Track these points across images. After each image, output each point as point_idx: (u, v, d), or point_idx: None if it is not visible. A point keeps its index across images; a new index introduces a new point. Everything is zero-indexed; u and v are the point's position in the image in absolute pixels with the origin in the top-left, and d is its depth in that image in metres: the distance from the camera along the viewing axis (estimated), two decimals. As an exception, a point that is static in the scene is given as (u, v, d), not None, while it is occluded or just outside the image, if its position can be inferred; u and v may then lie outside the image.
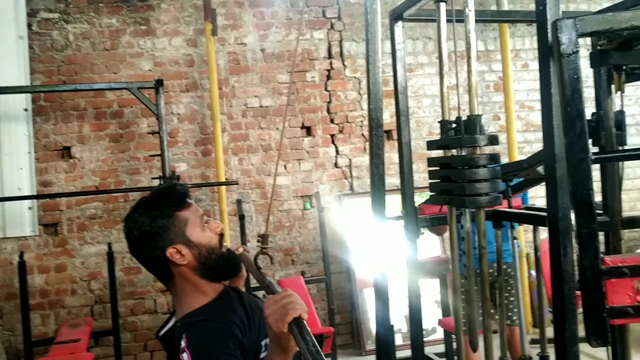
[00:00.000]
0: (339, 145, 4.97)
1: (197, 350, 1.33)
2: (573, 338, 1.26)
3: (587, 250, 1.13)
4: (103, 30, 4.57)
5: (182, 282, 1.50)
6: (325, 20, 4.97)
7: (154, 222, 1.46)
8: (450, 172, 1.67)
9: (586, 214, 1.13)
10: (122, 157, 4.58)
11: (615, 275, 1.13)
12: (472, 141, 1.60)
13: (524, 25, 5.35)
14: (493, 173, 1.60)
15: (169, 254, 1.45)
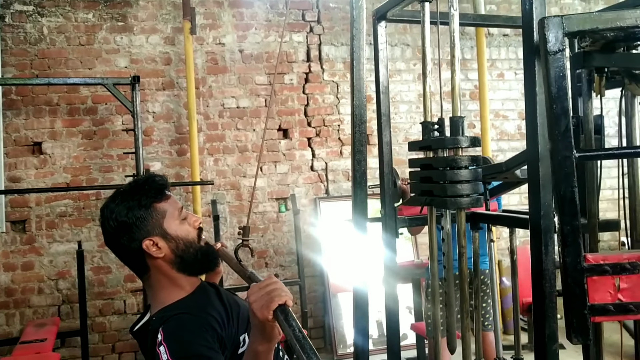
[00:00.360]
0: (316, 149, 4.96)
1: (174, 344, 1.30)
2: (553, 337, 1.27)
3: (570, 247, 1.14)
4: (79, 25, 4.49)
5: (158, 275, 1.46)
6: (304, 23, 4.97)
7: (131, 212, 1.42)
8: (432, 173, 1.66)
9: (569, 211, 1.13)
10: (94, 154, 4.49)
11: (597, 272, 1.14)
12: (454, 142, 1.61)
13: (500, 35, 5.43)
14: (475, 174, 1.61)
15: (145, 246, 1.42)
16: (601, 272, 1.14)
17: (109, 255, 4.50)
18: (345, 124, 5.03)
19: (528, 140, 1.30)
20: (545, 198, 1.25)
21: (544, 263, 1.26)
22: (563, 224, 1.14)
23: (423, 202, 1.71)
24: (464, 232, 1.59)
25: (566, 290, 1.15)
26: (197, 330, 1.34)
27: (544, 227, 1.26)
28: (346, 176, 5.02)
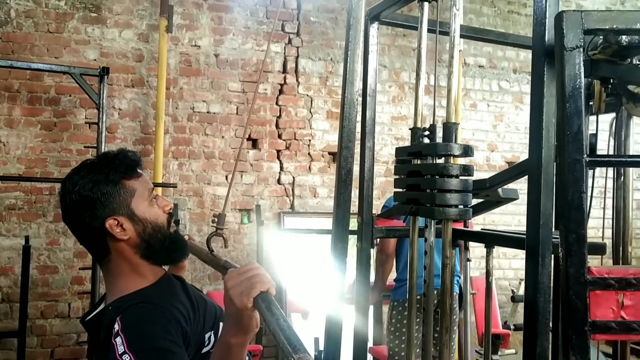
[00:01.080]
0: (284, 162, 4.85)
1: (133, 335, 1.15)
2: (544, 355, 1.18)
3: (574, 257, 1.06)
4: (49, 12, 4.30)
5: (119, 260, 1.32)
6: (283, 34, 4.90)
7: (97, 187, 1.28)
8: (420, 180, 1.57)
9: (576, 218, 1.06)
10: (52, 146, 4.27)
11: (601, 286, 1.06)
12: (447, 149, 1.52)
13: (475, 66, 5.48)
14: (465, 185, 1.53)
15: (108, 225, 1.28)
16: (605, 286, 1.06)
17: (57, 255, 4.26)
18: (316, 139, 4.94)
19: (531, 146, 1.23)
20: (546, 205, 1.17)
21: (540, 276, 1.18)
22: (568, 231, 1.06)
23: (408, 211, 1.61)
24: (449, 241, 1.50)
25: (567, 304, 1.06)
26: (160, 322, 1.20)
27: (542, 238, 1.18)
28: (313, 192, 4.91)
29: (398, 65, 5.25)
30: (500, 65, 5.61)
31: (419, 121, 1.70)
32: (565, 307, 1.07)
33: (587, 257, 1.06)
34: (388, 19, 1.93)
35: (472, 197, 2.20)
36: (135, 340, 1.14)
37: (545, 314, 1.18)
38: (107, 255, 1.32)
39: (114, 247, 1.31)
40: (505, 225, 5.48)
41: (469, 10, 5.45)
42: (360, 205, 1.94)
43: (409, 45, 5.28)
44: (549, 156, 1.19)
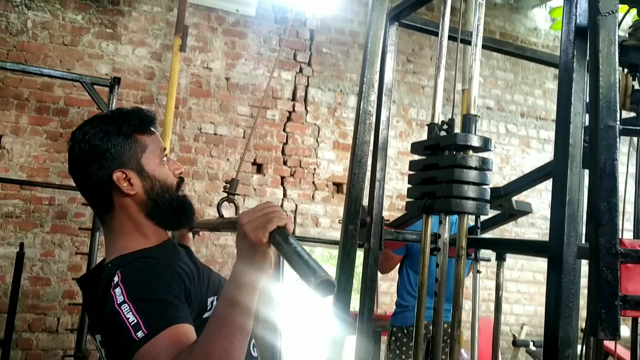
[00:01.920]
0: (288, 189, 4.81)
1: (133, 285, 1.09)
2: (567, 341, 1.11)
3: (605, 227, 1.00)
4: (65, 25, 4.35)
5: (122, 216, 1.26)
6: (295, 63, 4.94)
7: (108, 137, 1.24)
8: (436, 172, 1.52)
9: (608, 186, 1.01)
10: (57, 157, 4.24)
11: (633, 259, 1.00)
12: (466, 139, 1.47)
13: (483, 107, 5.50)
14: (483, 177, 1.48)
15: (115, 177, 1.23)
16: (638, 259, 1.00)
17: (51, 266, 4.16)
18: (321, 168, 4.91)
19: (557, 143, 1.18)
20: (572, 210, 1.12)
21: (565, 255, 1.11)
22: (599, 200, 1.00)
23: (422, 206, 1.55)
24: (465, 233, 1.44)
25: (596, 276, 1.00)
26: (162, 275, 1.13)
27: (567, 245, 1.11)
28: (315, 221, 4.85)
29: (407, 102, 5.27)
30: (508, 109, 5.64)
31: (437, 116, 1.66)
32: (594, 280, 1.01)
33: (620, 227, 1.01)
34: (407, 20, 1.92)
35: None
36: (135, 290, 1.08)
37: (570, 296, 1.11)
38: (111, 212, 1.27)
39: (118, 203, 1.26)
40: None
41: (479, 53, 5.51)
42: (369, 206, 1.89)
43: (418, 83, 5.32)
44: (577, 155, 1.14)
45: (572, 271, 1.13)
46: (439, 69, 1.66)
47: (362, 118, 1.83)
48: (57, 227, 4.20)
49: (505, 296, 5.36)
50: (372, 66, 1.82)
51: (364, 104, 1.74)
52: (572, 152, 1.15)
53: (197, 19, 4.68)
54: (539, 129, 5.70)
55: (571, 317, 1.12)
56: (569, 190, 1.14)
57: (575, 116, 1.16)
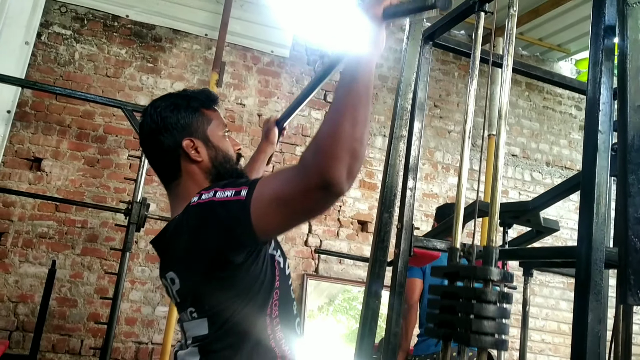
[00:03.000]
0: (313, 224, 4.87)
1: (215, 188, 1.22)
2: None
3: (634, 197, 1.06)
4: (110, 58, 4.59)
5: (188, 182, 1.38)
6: (325, 103, 5.10)
7: (177, 110, 1.38)
8: (456, 302, 1.47)
9: (636, 160, 1.07)
10: (92, 182, 4.39)
11: (661, 228, 1.05)
12: (485, 273, 1.43)
13: (509, 154, 5.57)
14: (503, 313, 1.43)
15: (185, 145, 1.36)
16: (666, 229, 1.05)
17: (79, 288, 4.24)
18: (347, 206, 4.98)
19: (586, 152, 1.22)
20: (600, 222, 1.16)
21: (593, 234, 1.16)
22: (628, 172, 1.07)
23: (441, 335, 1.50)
24: None
25: (625, 244, 1.05)
26: None
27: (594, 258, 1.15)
28: (338, 259, 4.88)
29: (433, 145, 5.37)
30: (534, 157, 5.69)
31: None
32: (624, 249, 1.06)
33: None
34: (441, 41, 2.04)
35: (513, 222, 2.19)
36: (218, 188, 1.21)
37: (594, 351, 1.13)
38: (178, 178, 1.38)
39: (186, 169, 1.37)
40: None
41: (505, 101, 5.62)
42: (400, 214, 1.95)
43: (445, 127, 5.43)
44: (604, 177, 1.19)
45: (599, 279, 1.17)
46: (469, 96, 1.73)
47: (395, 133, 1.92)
48: (88, 249, 4.30)
49: (530, 345, 5.27)
50: (406, 91, 1.92)
51: (397, 128, 1.83)
52: (599, 159, 1.21)
53: (234, 58, 4.89)
54: (564, 178, 5.73)
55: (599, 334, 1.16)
56: (596, 197, 1.19)
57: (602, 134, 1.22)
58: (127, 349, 4.29)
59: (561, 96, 5.92)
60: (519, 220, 2.07)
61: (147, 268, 4.42)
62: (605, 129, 1.21)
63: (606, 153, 1.20)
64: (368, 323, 1.45)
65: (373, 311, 1.47)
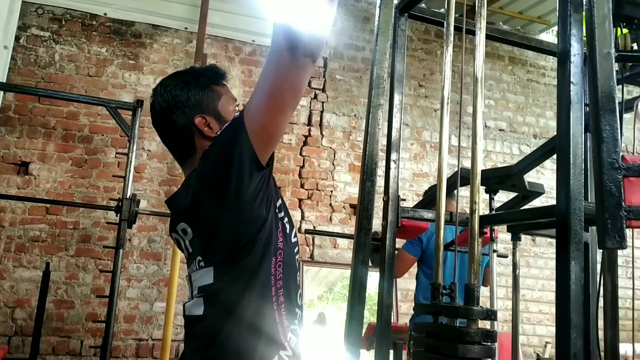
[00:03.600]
0: (306, 211, 4.88)
1: None
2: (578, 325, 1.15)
3: (607, 143, 1.07)
4: (90, 57, 4.57)
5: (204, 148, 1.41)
6: (309, 89, 5.09)
7: (187, 88, 1.40)
8: (440, 343, 1.46)
9: (607, 106, 1.08)
10: (81, 182, 4.38)
11: (635, 172, 1.06)
12: (468, 313, 1.42)
13: (496, 129, 5.59)
14: (488, 352, 1.42)
15: (197, 121, 1.38)
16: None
17: (75, 289, 4.24)
18: (338, 190, 5.00)
19: (560, 115, 1.23)
20: (576, 182, 1.17)
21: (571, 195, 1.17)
22: (599, 118, 1.08)
23: None
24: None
25: (600, 190, 1.06)
26: None
27: (572, 212, 1.16)
28: (333, 243, 4.89)
29: (420, 125, 5.38)
30: (521, 130, 5.72)
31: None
32: (599, 195, 1.07)
33: (620, 144, 1.08)
34: (416, 12, 2.04)
35: (499, 188, 2.21)
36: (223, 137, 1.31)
37: (578, 310, 1.14)
38: (193, 155, 1.41)
39: (200, 145, 1.39)
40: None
41: (489, 77, 5.65)
42: (386, 186, 1.95)
43: (431, 106, 5.44)
44: (578, 129, 1.20)
45: (579, 228, 1.18)
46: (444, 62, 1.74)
47: (373, 103, 1.92)
48: (82, 250, 4.30)
49: (527, 317, 5.32)
50: (382, 60, 1.92)
51: (374, 97, 1.83)
52: (573, 111, 1.22)
53: (215, 50, 4.88)
54: (552, 149, 5.76)
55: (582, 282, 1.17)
56: (572, 147, 1.20)
57: (575, 86, 1.23)
58: (128, 346, 4.29)
59: (544, 68, 5.94)
60: (504, 186, 2.09)
61: (142, 265, 4.42)
62: (577, 80, 1.22)
63: (579, 104, 1.21)
64: (357, 291, 1.46)
65: (361, 279, 1.48)
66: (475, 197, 1.52)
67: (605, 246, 1.04)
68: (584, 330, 1.86)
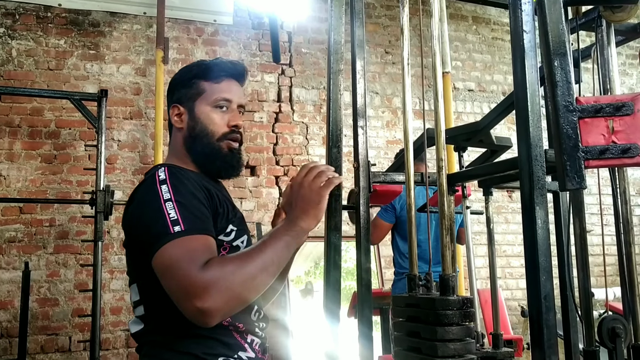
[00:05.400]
0: (283, 187, 4.87)
1: (180, 189, 1.27)
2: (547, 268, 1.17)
3: (562, 86, 1.08)
4: (49, 50, 4.47)
5: (172, 142, 1.50)
6: (276, 65, 5.05)
7: (181, 78, 1.47)
8: (420, 327, 1.40)
9: (559, 50, 1.09)
10: (53, 178, 4.31)
11: (590, 113, 1.08)
12: (445, 305, 1.34)
13: (465, 90, 5.61)
14: (467, 332, 1.42)
15: (171, 110, 1.46)
16: (595, 112, 1.07)
17: (57, 287, 4.21)
18: (313, 164, 4.99)
19: (516, 72, 1.23)
20: (536, 133, 1.17)
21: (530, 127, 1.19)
22: (552, 61, 1.09)
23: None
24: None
25: (558, 133, 1.08)
26: (202, 190, 1.32)
27: (534, 158, 1.17)
28: (313, 217, 4.90)
29: (389, 92, 5.39)
30: (489, 89, 5.75)
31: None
32: (557, 138, 1.08)
33: (574, 87, 1.09)
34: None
35: (467, 145, 2.23)
36: (181, 193, 1.25)
37: (546, 253, 1.16)
38: (170, 136, 1.50)
39: (174, 133, 1.48)
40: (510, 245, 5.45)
41: (455, 38, 5.65)
42: (355, 153, 1.95)
43: (399, 73, 5.43)
44: (533, 76, 1.20)
45: (541, 173, 1.19)
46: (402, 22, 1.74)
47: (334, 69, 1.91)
48: (60, 247, 4.25)
49: (510, 272, 5.43)
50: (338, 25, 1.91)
51: (333, 63, 1.82)
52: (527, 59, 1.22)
53: (177, 32, 4.80)
54: (522, 105, 5.81)
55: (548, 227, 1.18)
56: (529, 95, 1.20)
57: (527, 34, 1.23)
58: (117, 338, 4.29)
59: (508, 25, 5.94)
60: (472, 143, 2.10)
61: (123, 256, 4.38)
62: (529, 28, 1.23)
63: (532, 52, 1.22)
64: (332, 257, 1.48)
65: (335, 244, 1.50)
66: (441, 154, 1.54)
67: (566, 188, 1.06)
68: (561, 278, 1.91)
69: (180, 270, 1.13)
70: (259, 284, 1.22)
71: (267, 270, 1.22)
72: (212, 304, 1.10)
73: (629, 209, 1.36)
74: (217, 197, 1.35)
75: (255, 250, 1.23)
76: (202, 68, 1.47)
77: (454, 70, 5.52)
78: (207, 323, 1.13)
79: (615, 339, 1.47)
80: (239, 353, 1.31)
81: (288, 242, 1.27)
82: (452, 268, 1.51)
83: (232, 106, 1.45)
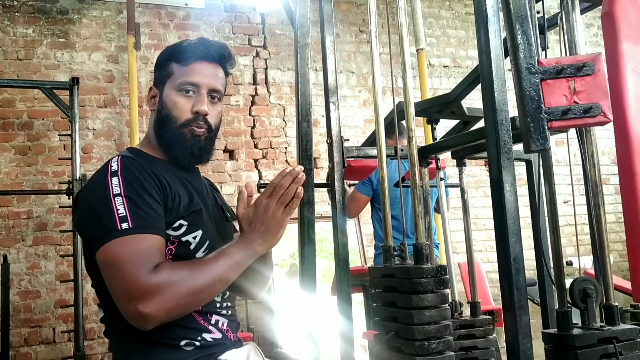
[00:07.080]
0: (263, 170, 4.87)
1: (130, 183, 1.25)
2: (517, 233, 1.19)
3: (523, 49, 1.09)
4: (17, 40, 4.38)
5: (149, 125, 1.48)
6: (250, 47, 5.01)
7: (160, 58, 1.46)
8: (396, 297, 1.42)
9: (520, 12, 1.10)
10: (28, 170, 4.26)
11: (552, 74, 1.09)
12: (419, 273, 1.36)
13: (440, 66, 5.63)
14: (442, 298, 1.42)
15: (148, 89, 1.47)
16: (556, 73, 1.08)
17: (38, 279, 4.17)
18: (292, 146, 4.99)
19: (480, 45, 1.24)
20: (501, 101, 1.18)
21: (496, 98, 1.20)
22: (513, 25, 1.09)
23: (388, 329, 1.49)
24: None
25: (520, 96, 1.09)
26: (156, 183, 1.30)
27: (499, 122, 1.18)
28: (294, 199, 4.90)
29: (365, 71, 5.38)
30: (465, 65, 5.77)
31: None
32: (520, 101, 1.09)
33: (535, 50, 1.10)
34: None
35: (439, 117, 2.24)
36: (132, 188, 1.24)
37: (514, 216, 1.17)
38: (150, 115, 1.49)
39: (150, 111, 1.48)
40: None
41: (428, 15, 5.65)
42: (328, 129, 1.95)
43: (374, 51, 5.42)
44: (497, 42, 1.20)
45: (507, 138, 1.20)
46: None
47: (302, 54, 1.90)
48: (39, 238, 4.21)
49: (491, 244, 5.48)
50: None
51: (300, 37, 1.81)
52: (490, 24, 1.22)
53: (148, 18, 4.73)
54: (497, 80, 5.84)
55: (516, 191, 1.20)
56: (494, 58, 1.21)
57: (491, 7, 1.24)
58: (101, 327, 4.24)
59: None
60: (444, 114, 2.11)
61: (104, 245, 4.36)
62: (492, -6, 1.23)
63: (495, 17, 1.22)
64: (306, 230, 1.49)
65: (308, 218, 1.51)
66: (411, 124, 1.55)
67: (531, 149, 1.08)
68: (536, 244, 1.94)
69: (125, 271, 1.14)
70: (203, 298, 1.24)
71: (215, 286, 1.24)
72: (153, 310, 1.12)
73: (597, 172, 1.38)
74: (170, 190, 1.31)
75: (205, 264, 1.24)
76: (174, 49, 1.43)
77: (428, 47, 5.52)
78: (143, 327, 1.15)
79: (587, 299, 1.50)
80: (203, 335, 1.31)
81: (240, 261, 1.27)
82: (428, 238, 1.53)
83: (200, 90, 1.38)
